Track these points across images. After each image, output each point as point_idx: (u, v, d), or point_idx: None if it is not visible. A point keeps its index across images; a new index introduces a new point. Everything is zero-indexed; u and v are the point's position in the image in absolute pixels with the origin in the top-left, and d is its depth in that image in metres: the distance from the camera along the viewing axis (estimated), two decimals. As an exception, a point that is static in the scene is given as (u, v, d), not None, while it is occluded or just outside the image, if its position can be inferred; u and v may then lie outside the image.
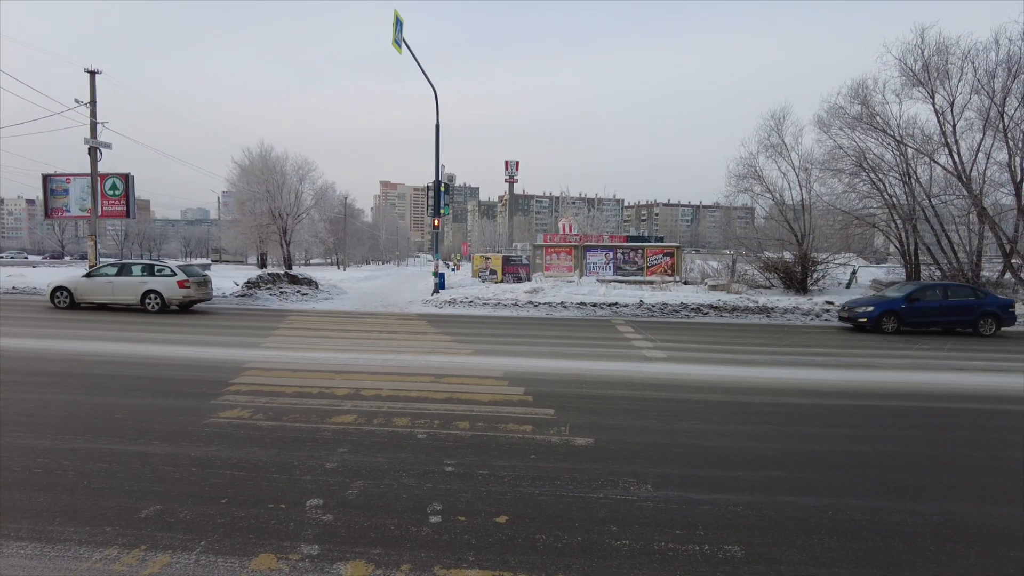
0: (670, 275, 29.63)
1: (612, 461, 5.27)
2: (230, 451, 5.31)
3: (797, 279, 26.18)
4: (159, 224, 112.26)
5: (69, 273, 18.29)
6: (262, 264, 46.81)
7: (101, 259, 29.18)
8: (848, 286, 28.12)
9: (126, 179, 30.44)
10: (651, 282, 28.12)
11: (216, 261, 73.06)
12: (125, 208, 30.76)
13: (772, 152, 27.43)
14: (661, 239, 43.51)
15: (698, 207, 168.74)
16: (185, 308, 18.29)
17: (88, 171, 28.94)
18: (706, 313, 19.63)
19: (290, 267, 40.91)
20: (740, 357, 11.34)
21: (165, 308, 17.38)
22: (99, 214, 29.62)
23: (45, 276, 26.64)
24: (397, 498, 4.39)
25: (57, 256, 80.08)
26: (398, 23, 19.64)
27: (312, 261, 79.02)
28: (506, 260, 34.61)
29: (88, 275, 18.11)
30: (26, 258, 74.42)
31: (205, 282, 18.78)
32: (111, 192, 30.02)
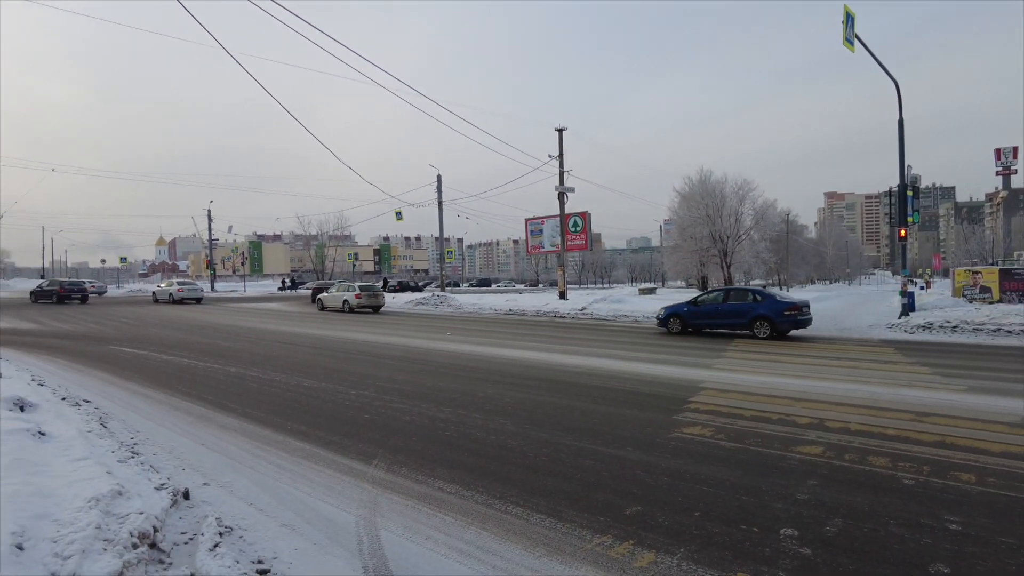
0: None
1: None
2: (696, 466, 5.52)
3: None
4: (608, 254, 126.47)
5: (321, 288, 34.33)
6: (703, 287, 48.02)
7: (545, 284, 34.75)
8: None
9: (585, 217, 35.48)
10: None
11: (663, 286, 78.07)
12: (584, 241, 35.87)
13: None
14: None
15: None
16: (376, 310, 29.83)
17: (556, 213, 34.69)
18: None
19: (731, 289, 40.95)
20: None
21: (351, 310, 28.93)
22: (565, 248, 35.13)
23: (531, 300, 32.77)
24: (886, 547, 3.85)
25: (534, 284, 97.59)
26: (849, 19, 17.90)
27: (752, 282, 77.52)
28: (1004, 274, 27.55)
29: (327, 289, 32.34)
30: (514, 286, 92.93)
31: (376, 295, 29.95)
32: (573, 229, 35.39)
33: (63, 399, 8.11)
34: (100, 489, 4.17)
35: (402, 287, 56.47)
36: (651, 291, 50.73)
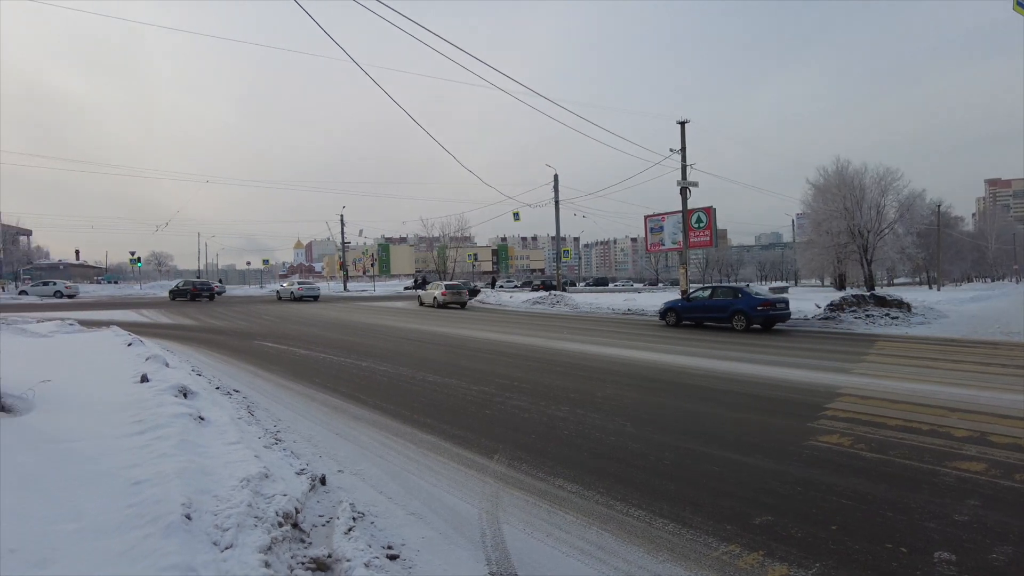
0: None
1: None
2: (833, 477, 5.13)
3: None
4: (735, 251, 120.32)
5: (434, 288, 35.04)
6: (840, 285, 44.62)
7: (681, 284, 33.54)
8: None
9: (709, 212, 33.98)
10: None
11: (795, 284, 73.32)
12: (709, 238, 34.35)
13: None
14: None
15: None
16: (462, 306, 33.08)
17: (678, 209, 33.52)
18: None
19: (872, 288, 37.78)
20: None
21: (440, 306, 32.16)
22: (688, 245, 33.92)
23: (651, 299, 32.05)
24: (1069, 582, 3.38)
25: (653, 283, 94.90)
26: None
27: (896, 280, 71.07)
28: None
29: (427, 288, 36.22)
30: (632, 285, 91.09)
31: (459, 292, 33.51)
32: (696, 225, 33.96)
33: (216, 388, 9.01)
34: (250, 471, 4.56)
35: (545, 286, 58.70)
36: (783, 290, 47.68)
